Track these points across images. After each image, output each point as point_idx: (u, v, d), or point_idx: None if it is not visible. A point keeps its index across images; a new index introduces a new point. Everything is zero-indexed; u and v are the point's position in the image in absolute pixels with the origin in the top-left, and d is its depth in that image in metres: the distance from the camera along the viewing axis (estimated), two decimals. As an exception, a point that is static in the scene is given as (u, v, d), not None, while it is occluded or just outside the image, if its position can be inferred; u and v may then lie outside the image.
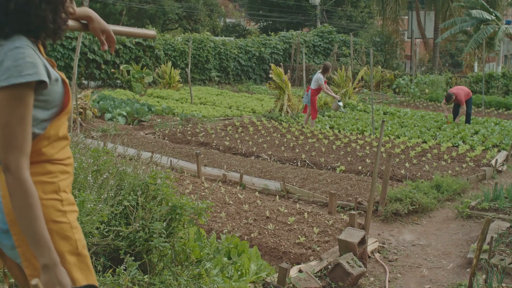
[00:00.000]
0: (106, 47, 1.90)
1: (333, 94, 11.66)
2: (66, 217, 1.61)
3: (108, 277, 2.64)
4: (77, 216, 1.70)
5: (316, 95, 11.03)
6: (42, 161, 1.58)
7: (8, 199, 1.50)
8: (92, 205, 2.62)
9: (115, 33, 1.93)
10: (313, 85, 10.85)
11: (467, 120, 11.49)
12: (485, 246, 4.24)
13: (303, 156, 8.15)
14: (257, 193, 6.20)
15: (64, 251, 1.58)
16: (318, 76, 10.77)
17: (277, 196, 6.13)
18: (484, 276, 3.85)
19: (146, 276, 2.83)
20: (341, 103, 12.32)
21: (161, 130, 10.56)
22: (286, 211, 5.35)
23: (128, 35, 2.16)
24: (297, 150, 8.63)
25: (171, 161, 7.09)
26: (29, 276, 1.55)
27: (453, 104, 11.55)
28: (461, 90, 11.18)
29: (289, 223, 4.97)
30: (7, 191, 1.48)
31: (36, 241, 1.46)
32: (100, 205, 2.69)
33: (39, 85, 1.50)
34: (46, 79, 1.50)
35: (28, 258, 1.56)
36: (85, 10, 1.83)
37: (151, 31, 2.20)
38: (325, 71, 10.86)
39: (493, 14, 20.39)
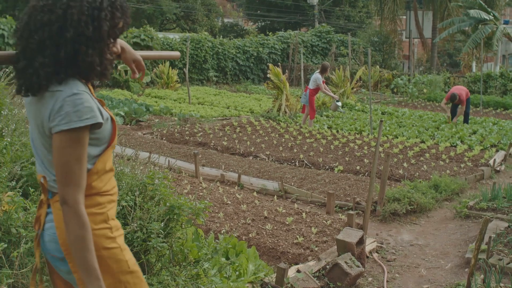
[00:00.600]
0: (137, 75, 2.01)
1: (332, 94, 11.66)
2: (116, 242, 1.74)
3: (106, 277, 2.63)
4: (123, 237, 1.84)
5: (314, 95, 11.02)
6: (92, 194, 1.69)
7: (62, 230, 1.63)
8: (89, 206, 2.61)
9: (144, 58, 2.03)
10: (311, 85, 10.84)
11: (465, 120, 11.50)
12: (483, 246, 4.24)
13: (301, 156, 8.15)
14: (255, 193, 6.20)
15: (118, 273, 1.74)
16: (316, 76, 10.77)
17: (275, 196, 6.13)
18: (482, 276, 3.85)
19: (144, 276, 2.82)
20: (339, 103, 12.32)
21: (159, 130, 10.54)
22: (284, 211, 5.35)
23: (155, 58, 2.26)
24: (295, 150, 8.62)
25: (169, 161, 7.08)
26: None
27: (452, 104, 11.54)
28: (462, 91, 11.16)
29: (287, 223, 4.96)
30: (62, 223, 1.61)
31: (87, 270, 1.60)
32: (97, 206, 2.68)
33: (94, 125, 1.63)
34: (102, 120, 1.63)
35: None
36: (119, 41, 1.91)
37: (175, 52, 2.33)
38: (323, 71, 10.85)
39: (491, 14, 20.41)
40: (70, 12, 1.59)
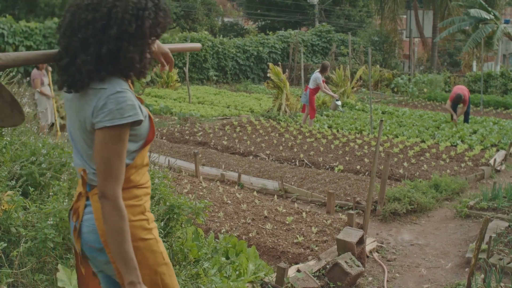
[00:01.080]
0: (166, 68, 2.06)
1: (332, 93, 11.65)
2: (152, 233, 1.79)
3: (106, 277, 2.62)
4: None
5: (314, 95, 11.01)
6: (130, 187, 1.75)
7: (101, 221, 1.68)
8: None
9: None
10: (311, 85, 10.84)
11: (466, 120, 11.48)
12: (484, 246, 4.23)
13: (301, 155, 8.14)
14: (255, 193, 6.19)
15: (154, 264, 1.79)
16: (316, 76, 10.76)
17: (275, 196, 6.12)
18: (482, 275, 3.84)
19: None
20: (339, 103, 12.31)
21: (159, 129, 10.54)
22: (284, 210, 5.34)
23: (179, 51, 2.30)
24: (295, 150, 8.62)
25: (169, 160, 7.08)
26: (122, 286, 1.72)
27: (452, 104, 11.50)
28: (465, 91, 11.12)
29: (287, 222, 4.96)
30: (101, 215, 1.66)
31: (125, 261, 1.65)
32: (97, 205, 2.68)
33: (134, 122, 1.68)
34: (142, 118, 1.69)
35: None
36: None
37: (197, 44, 2.38)
38: (323, 70, 10.85)
39: (492, 14, 20.40)
40: (115, 11, 1.62)
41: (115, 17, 1.62)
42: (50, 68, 9.02)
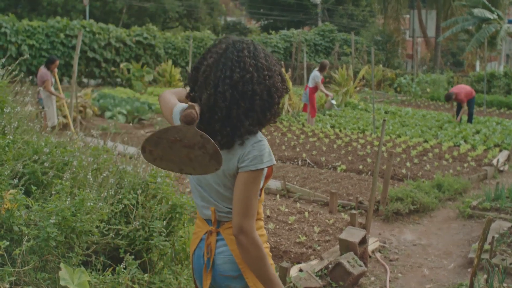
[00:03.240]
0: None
1: (327, 92, 11.64)
2: (271, 260, 1.97)
3: (108, 275, 2.63)
4: None
5: (314, 93, 11.02)
6: (257, 219, 1.94)
7: (237, 251, 1.88)
8: (92, 204, 2.60)
9: None
10: (310, 83, 10.85)
11: (469, 120, 11.45)
12: (487, 246, 4.22)
13: (304, 155, 8.13)
14: (257, 192, 6.18)
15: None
16: (315, 74, 10.77)
17: (278, 195, 6.12)
18: (485, 276, 3.83)
19: (146, 275, 2.82)
20: (334, 101, 12.27)
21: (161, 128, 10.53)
22: (286, 210, 5.34)
23: None
24: (297, 149, 8.61)
25: (171, 159, 7.07)
26: None
27: (456, 103, 11.49)
28: (462, 89, 11.12)
29: (289, 222, 4.95)
30: (235, 245, 1.86)
31: (270, 282, 1.86)
32: (100, 204, 2.67)
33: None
34: (275, 162, 1.92)
35: None
36: None
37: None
38: (322, 69, 10.86)
39: (495, 13, 20.35)
40: (272, 81, 1.86)
41: (275, 87, 1.88)
42: (56, 70, 9.00)
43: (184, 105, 1.97)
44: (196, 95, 1.86)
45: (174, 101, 2.05)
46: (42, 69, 8.76)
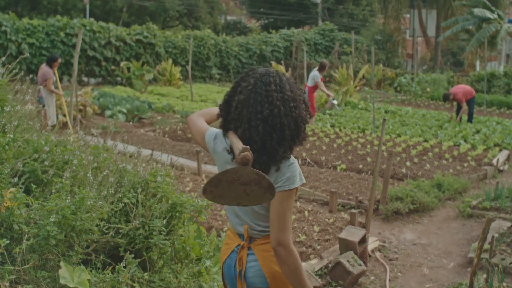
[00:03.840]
0: None
1: (328, 92, 11.63)
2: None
3: (108, 274, 2.63)
4: None
5: (313, 92, 11.02)
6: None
7: (266, 266, 2.09)
8: (91, 202, 2.60)
9: None
10: (309, 83, 10.85)
11: (469, 119, 11.45)
12: (486, 246, 4.22)
13: (304, 154, 8.13)
14: (257, 191, 6.18)
15: None
16: (315, 74, 10.77)
17: (278, 194, 6.11)
18: (485, 275, 3.83)
19: (146, 273, 2.82)
20: (335, 101, 12.27)
21: (162, 127, 10.54)
22: (286, 209, 5.33)
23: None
24: (297, 148, 8.58)
25: (171, 158, 7.08)
26: None
27: (456, 103, 11.49)
28: (460, 89, 11.12)
29: (289, 221, 4.95)
30: (265, 261, 2.08)
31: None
32: (100, 202, 2.67)
33: None
34: (304, 181, 2.12)
35: None
36: None
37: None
38: (321, 68, 10.86)
39: (495, 13, 20.34)
40: (298, 112, 2.02)
41: (302, 117, 2.03)
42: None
43: (215, 130, 2.16)
44: (231, 127, 2.02)
45: (203, 124, 2.22)
46: (44, 68, 8.75)
